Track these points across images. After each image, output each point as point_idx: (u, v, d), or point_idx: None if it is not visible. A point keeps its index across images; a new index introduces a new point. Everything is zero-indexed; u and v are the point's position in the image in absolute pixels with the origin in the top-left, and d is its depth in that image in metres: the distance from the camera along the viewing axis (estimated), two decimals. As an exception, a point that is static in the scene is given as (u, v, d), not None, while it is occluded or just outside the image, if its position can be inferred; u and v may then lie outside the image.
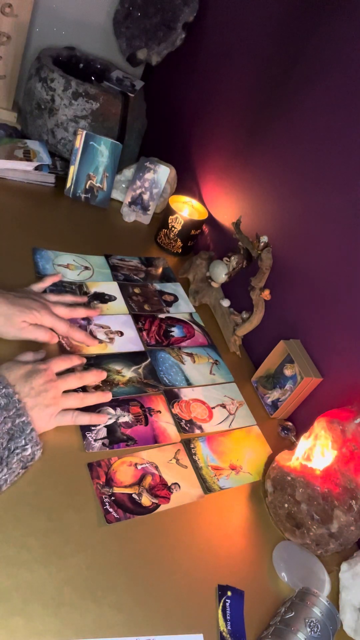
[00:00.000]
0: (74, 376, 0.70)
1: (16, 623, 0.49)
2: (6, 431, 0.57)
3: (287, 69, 0.90)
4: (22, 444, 0.58)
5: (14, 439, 0.57)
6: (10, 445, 0.57)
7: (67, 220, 1.07)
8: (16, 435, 0.58)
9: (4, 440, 0.56)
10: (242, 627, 0.58)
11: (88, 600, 0.53)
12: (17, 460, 0.57)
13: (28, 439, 0.58)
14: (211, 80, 1.15)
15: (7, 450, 0.56)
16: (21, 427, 0.59)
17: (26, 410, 0.60)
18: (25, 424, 0.59)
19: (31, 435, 0.59)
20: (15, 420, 0.58)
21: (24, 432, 0.58)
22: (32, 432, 0.59)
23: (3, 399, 0.59)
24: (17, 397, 0.60)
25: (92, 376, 0.73)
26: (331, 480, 0.67)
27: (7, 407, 0.58)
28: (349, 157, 0.77)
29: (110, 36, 1.31)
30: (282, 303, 0.91)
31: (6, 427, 0.57)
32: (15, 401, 0.59)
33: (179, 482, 0.69)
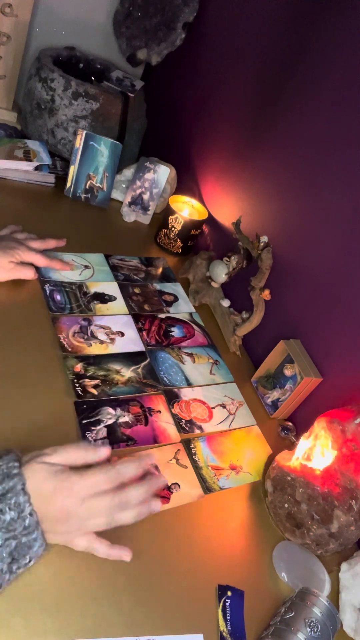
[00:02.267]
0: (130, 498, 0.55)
1: (16, 623, 0.49)
2: (9, 553, 0.48)
3: (287, 68, 0.90)
4: (25, 562, 0.49)
5: (18, 559, 0.49)
6: (12, 567, 0.48)
7: (67, 220, 1.07)
8: (21, 554, 0.49)
9: (4, 565, 0.48)
10: (242, 627, 0.58)
11: (88, 600, 0.53)
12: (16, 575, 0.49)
13: (32, 556, 0.50)
14: (211, 80, 1.15)
15: (9, 572, 0.48)
16: (29, 543, 0.49)
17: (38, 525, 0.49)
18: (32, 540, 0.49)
19: (38, 550, 0.50)
20: (21, 539, 0.48)
21: (31, 549, 0.49)
22: (40, 548, 0.50)
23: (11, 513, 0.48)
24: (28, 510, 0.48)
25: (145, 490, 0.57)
26: (331, 480, 0.67)
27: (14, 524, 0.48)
28: (349, 157, 0.77)
29: (110, 36, 1.30)
30: (282, 303, 0.91)
31: (8, 550, 0.48)
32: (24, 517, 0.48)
33: (179, 482, 0.69)
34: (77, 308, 0.86)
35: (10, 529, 0.47)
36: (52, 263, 0.87)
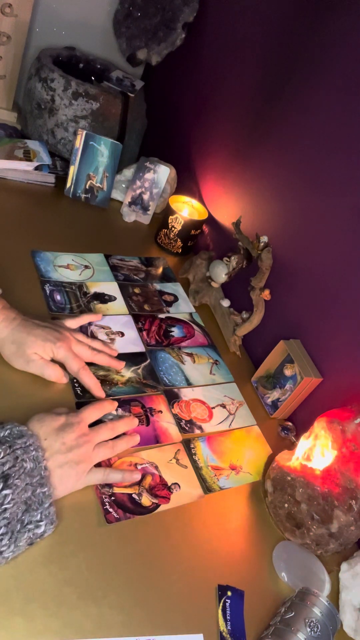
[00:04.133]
0: (106, 427, 0.66)
1: (16, 623, 0.49)
2: (24, 500, 0.52)
3: (287, 68, 0.90)
4: (37, 519, 0.53)
5: (30, 511, 0.52)
6: (25, 518, 0.52)
7: (67, 220, 1.07)
8: (33, 508, 0.53)
9: (19, 511, 0.51)
10: (242, 627, 0.58)
11: (88, 600, 0.53)
12: (27, 537, 0.52)
13: (45, 515, 0.54)
14: (211, 80, 1.15)
15: (20, 523, 0.52)
16: (41, 498, 0.53)
17: (50, 480, 0.56)
18: (45, 496, 0.54)
19: (49, 510, 0.54)
20: (36, 489, 0.53)
21: (42, 505, 0.53)
22: (50, 507, 0.54)
23: (30, 463, 0.54)
24: (44, 464, 0.55)
25: (124, 425, 0.69)
26: (331, 480, 0.67)
27: (32, 472, 0.53)
28: (349, 158, 0.77)
29: (110, 36, 1.30)
30: (282, 303, 0.91)
31: (25, 495, 0.52)
32: (41, 467, 0.55)
33: (179, 482, 0.69)
34: (77, 308, 0.86)
35: (30, 475, 0.53)
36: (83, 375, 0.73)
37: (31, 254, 0.92)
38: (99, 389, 0.73)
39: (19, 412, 0.66)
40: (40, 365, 0.69)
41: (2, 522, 0.49)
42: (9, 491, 0.50)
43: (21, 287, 0.83)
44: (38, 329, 0.70)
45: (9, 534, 0.50)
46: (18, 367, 0.69)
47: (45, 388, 0.71)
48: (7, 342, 0.68)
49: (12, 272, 0.85)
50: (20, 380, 0.70)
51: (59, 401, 0.70)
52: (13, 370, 0.70)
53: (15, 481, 0.51)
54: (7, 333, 0.68)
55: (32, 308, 0.80)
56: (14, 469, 0.52)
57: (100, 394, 0.73)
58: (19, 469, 0.52)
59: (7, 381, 0.69)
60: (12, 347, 0.68)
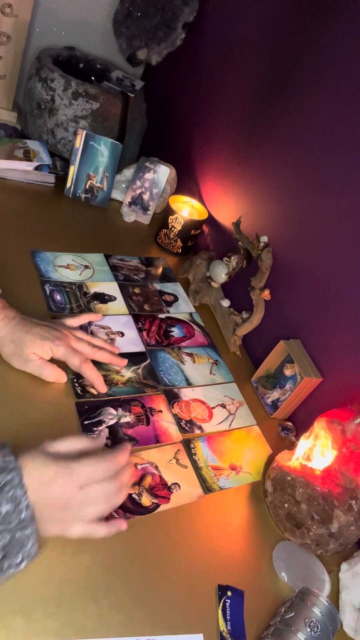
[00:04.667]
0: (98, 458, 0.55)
1: (16, 623, 0.49)
2: (1, 547, 0.46)
3: (287, 68, 0.90)
4: (17, 562, 0.47)
5: (10, 557, 0.47)
6: (3, 564, 0.46)
7: (67, 220, 1.07)
8: (13, 552, 0.47)
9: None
10: (242, 627, 0.58)
11: (88, 600, 0.53)
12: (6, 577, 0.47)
13: (26, 555, 0.48)
14: (211, 80, 1.15)
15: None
16: (22, 541, 0.47)
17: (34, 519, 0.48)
18: (27, 537, 0.48)
19: (31, 550, 0.48)
20: (15, 534, 0.47)
21: (24, 547, 0.47)
22: (32, 547, 0.48)
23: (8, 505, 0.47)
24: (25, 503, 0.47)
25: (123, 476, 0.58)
26: (331, 480, 0.67)
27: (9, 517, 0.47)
28: (349, 158, 0.77)
29: (110, 36, 1.30)
30: (282, 303, 0.91)
31: (2, 542, 0.46)
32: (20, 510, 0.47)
33: (179, 482, 0.69)
34: (77, 308, 0.86)
35: (6, 521, 0.47)
36: (85, 369, 0.71)
37: (31, 254, 0.92)
38: (101, 384, 0.73)
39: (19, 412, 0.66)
40: (38, 366, 0.69)
41: None
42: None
43: (21, 287, 0.83)
44: (37, 327, 0.69)
45: None
46: (17, 367, 0.69)
47: (45, 388, 0.71)
48: (6, 341, 0.68)
49: (12, 272, 0.85)
50: (20, 379, 0.70)
51: (59, 401, 0.70)
52: (13, 369, 0.70)
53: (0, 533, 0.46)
54: (6, 332, 0.68)
55: (32, 308, 0.80)
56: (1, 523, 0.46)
57: (103, 389, 0.73)
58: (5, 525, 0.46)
59: (7, 381, 0.69)
60: (11, 346, 0.68)
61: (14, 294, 0.78)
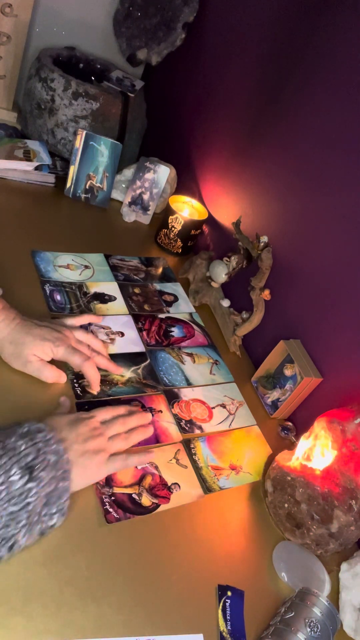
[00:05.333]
0: (117, 422, 0.67)
1: (16, 623, 0.49)
2: (46, 494, 0.53)
3: (287, 69, 0.90)
4: (52, 512, 0.54)
5: (48, 505, 0.53)
6: (42, 511, 0.53)
7: (67, 220, 1.07)
8: (52, 501, 0.54)
9: (40, 504, 0.52)
10: (242, 627, 0.58)
11: (88, 600, 0.53)
12: (39, 529, 0.53)
13: (59, 508, 0.54)
14: (211, 80, 1.15)
15: (38, 515, 0.52)
16: (60, 492, 0.54)
17: (71, 473, 0.57)
18: (64, 489, 0.55)
19: (64, 504, 0.55)
20: (59, 482, 0.54)
21: (60, 499, 0.54)
22: (66, 502, 0.55)
23: (53, 456, 0.54)
24: (66, 456, 0.56)
25: (136, 420, 0.70)
26: (331, 480, 0.67)
27: (55, 465, 0.54)
28: (349, 157, 0.77)
29: (110, 36, 1.30)
30: (282, 303, 0.91)
31: (49, 489, 0.53)
32: (64, 460, 0.56)
33: (179, 482, 0.69)
34: (77, 308, 0.86)
35: (55, 469, 0.54)
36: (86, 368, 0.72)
37: (31, 254, 0.92)
38: (97, 385, 0.73)
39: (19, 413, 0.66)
40: (37, 367, 0.69)
41: (23, 516, 0.50)
42: (33, 484, 0.51)
43: (21, 287, 0.83)
44: (37, 329, 0.69)
45: (27, 525, 0.51)
46: (17, 368, 0.69)
47: (45, 388, 0.71)
48: (6, 343, 0.68)
49: (12, 272, 0.85)
50: (20, 380, 0.70)
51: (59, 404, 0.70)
52: (13, 369, 0.70)
53: (40, 474, 0.52)
54: (6, 333, 0.68)
55: (32, 308, 0.80)
56: (37, 460, 0.53)
57: (96, 389, 0.74)
58: (43, 461, 0.53)
59: (7, 381, 0.69)
60: (10, 347, 0.68)
61: (14, 294, 0.78)
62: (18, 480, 0.50)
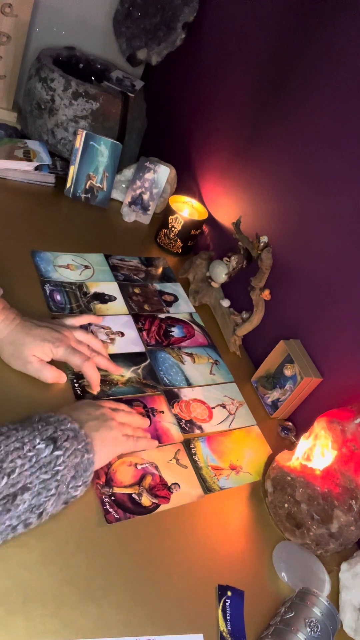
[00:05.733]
0: (123, 412, 0.69)
1: (16, 623, 0.49)
2: (74, 465, 0.55)
3: (288, 68, 0.90)
4: (78, 484, 0.55)
5: (76, 477, 0.55)
6: (71, 482, 0.55)
7: (67, 220, 1.07)
8: (79, 474, 0.55)
9: (69, 475, 0.54)
10: (242, 627, 0.58)
11: (88, 600, 0.53)
12: (65, 499, 0.55)
13: (84, 480, 0.56)
14: (211, 80, 1.15)
15: (66, 486, 0.54)
16: (86, 465, 0.56)
17: (93, 446, 0.58)
18: (90, 462, 0.57)
19: (89, 477, 0.57)
20: (84, 455, 0.56)
21: (87, 472, 0.56)
22: (90, 475, 0.57)
23: (71, 432, 0.56)
24: (83, 432, 0.58)
25: (140, 419, 0.71)
26: (331, 480, 0.67)
27: (76, 438, 0.56)
28: (349, 158, 0.77)
29: (110, 36, 1.30)
30: (282, 303, 0.91)
31: (76, 460, 0.55)
32: (83, 434, 0.57)
33: (179, 482, 0.69)
34: (77, 308, 0.86)
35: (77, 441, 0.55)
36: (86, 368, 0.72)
37: (31, 254, 0.92)
38: (97, 386, 0.73)
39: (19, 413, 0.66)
40: (37, 368, 0.69)
41: (53, 484, 0.51)
42: (60, 452, 0.52)
43: (21, 287, 0.83)
44: (37, 329, 0.69)
45: (56, 495, 0.52)
46: (16, 368, 0.69)
47: (45, 388, 0.71)
48: (6, 343, 0.68)
49: (12, 272, 0.85)
50: (20, 380, 0.70)
51: (59, 401, 0.70)
52: (13, 370, 0.70)
53: (64, 443, 0.54)
54: (6, 334, 0.68)
55: (32, 308, 0.80)
56: (57, 433, 0.54)
57: (96, 390, 0.74)
58: (63, 434, 0.55)
59: (7, 381, 0.69)
60: (10, 348, 0.68)
61: (14, 294, 0.78)
62: (44, 448, 0.52)
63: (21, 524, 0.51)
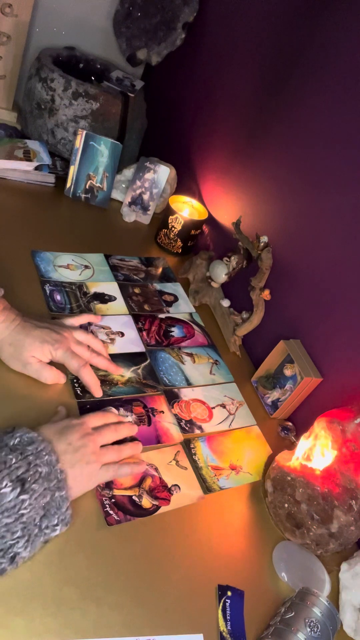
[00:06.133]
0: (109, 429, 0.66)
1: (16, 623, 0.49)
2: (42, 505, 0.52)
3: (287, 68, 0.90)
4: (54, 523, 0.54)
5: (48, 517, 0.53)
6: (42, 523, 0.53)
7: (67, 221, 1.07)
8: (51, 512, 0.53)
9: (37, 516, 0.52)
10: (242, 627, 0.58)
11: (88, 600, 0.53)
12: (42, 540, 0.53)
13: (61, 518, 0.54)
14: (211, 80, 1.15)
15: (38, 527, 0.52)
16: (58, 502, 0.54)
17: (66, 482, 0.56)
18: (63, 499, 0.55)
19: (65, 514, 0.55)
20: (54, 493, 0.54)
21: (60, 509, 0.54)
22: (67, 511, 0.55)
23: (45, 467, 0.54)
24: (59, 467, 0.56)
25: (126, 429, 0.69)
26: (331, 480, 0.67)
27: (48, 476, 0.54)
28: (349, 157, 0.77)
29: (110, 36, 1.30)
30: (282, 303, 0.91)
31: (44, 500, 0.53)
32: (57, 471, 0.55)
33: (179, 483, 0.69)
34: (77, 308, 0.86)
35: (47, 480, 0.53)
36: (83, 373, 0.72)
37: (31, 254, 0.92)
38: (98, 389, 0.73)
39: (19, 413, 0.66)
40: (36, 369, 0.69)
41: (18, 527, 0.50)
42: (26, 496, 0.51)
43: (21, 287, 0.83)
44: (36, 330, 0.69)
45: (26, 537, 0.51)
46: (16, 369, 0.69)
47: (45, 388, 0.71)
48: (6, 344, 0.68)
49: (12, 272, 0.85)
50: (19, 381, 0.70)
51: (58, 402, 0.70)
52: (13, 370, 0.70)
53: (32, 485, 0.52)
54: (6, 335, 0.68)
55: (32, 308, 0.80)
56: (28, 473, 0.52)
57: (98, 394, 0.73)
58: (34, 474, 0.53)
59: (6, 382, 0.69)
60: (10, 349, 0.68)
61: (14, 294, 0.78)
62: (10, 492, 0.50)
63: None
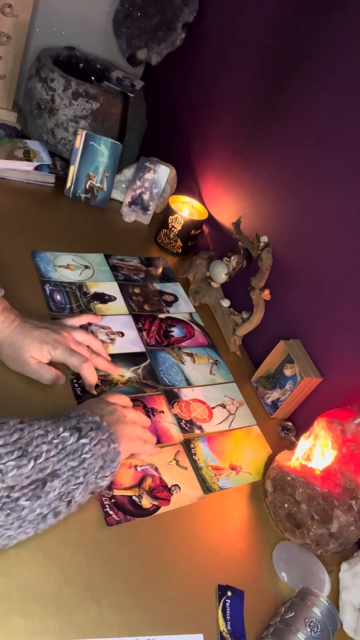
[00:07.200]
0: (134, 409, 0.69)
1: (16, 623, 0.49)
2: (101, 455, 0.55)
3: (287, 68, 0.90)
4: (106, 475, 0.56)
5: (105, 468, 0.55)
6: (99, 473, 0.55)
7: (67, 220, 1.07)
8: (107, 464, 0.56)
9: (97, 465, 0.54)
10: (242, 627, 0.58)
11: (88, 600, 0.53)
12: (93, 489, 0.55)
13: (112, 471, 0.56)
14: (211, 80, 1.15)
15: (95, 476, 0.54)
16: (113, 455, 0.57)
17: (117, 435, 0.59)
18: (117, 452, 0.57)
19: (116, 467, 0.57)
20: (109, 444, 0.56)
21: (114, 462, 0.57)
22: (117, 464, 0.57)
23: (93, 423, 0.57)
24: (104, 423, 0.58)
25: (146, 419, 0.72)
26: (331, 480, 0.67)
27: (100, 428, 0.56)
28: (349, 157, 0.77)
29: (110, 36, 1.30)
30: (282, 303, 0.91)
31: (103, 450, 0.55)
32: (105, 426, 0.58)
33: (179, 483, 0.69)
34: (77, 308, 0.86)
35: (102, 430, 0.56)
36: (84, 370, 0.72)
37: (31, 254, 0.92)
38: (92, 387, 0.73)
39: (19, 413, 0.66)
40: (36, 370, 0.69)
41: (80, 472, 0.52)
42: (86, 440, 0.53)
43: (21, 287, 0.83)
44: (36, 331, 0.69)
45: (84, 483, 0.52)
46: (15, 370, 0.69)
47: (45, 389, 0.71)
48: (5, 345, 0.68)
49: (12, 272, 0.85)
50: (19, 381, 0.70)
51: (58, 402, 0.70)
52: (12, 371, 0.70)
53: (89, 432, 0.54)
54: (6, 335, 0.68)
55: (32, 308, 0.80)
56: (82, 423, 0.55)
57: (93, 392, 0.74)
58: (87, 424, 0.55)
59: (6, 382, 0.69)
60: (9, 349, 0.68)
61: (14, 294, 0.78)
62: (69, 436, 0.52)
63: (51, 513, 0.51)
